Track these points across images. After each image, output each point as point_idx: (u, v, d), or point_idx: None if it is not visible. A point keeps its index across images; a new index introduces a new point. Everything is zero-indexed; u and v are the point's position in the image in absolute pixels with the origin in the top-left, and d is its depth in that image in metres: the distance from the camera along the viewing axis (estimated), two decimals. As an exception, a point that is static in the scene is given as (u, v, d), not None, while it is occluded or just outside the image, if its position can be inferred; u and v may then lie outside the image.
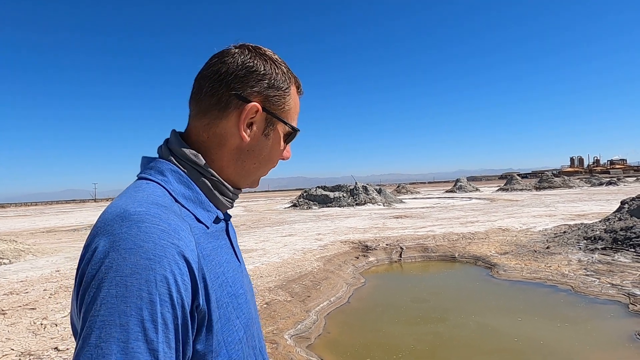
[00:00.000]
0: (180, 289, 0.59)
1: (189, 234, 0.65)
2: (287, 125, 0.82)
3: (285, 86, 0.81)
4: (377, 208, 25.13)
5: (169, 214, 0.64)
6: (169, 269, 0.58)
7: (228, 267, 0.74)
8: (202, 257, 0.67)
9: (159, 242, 0.59)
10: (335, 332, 5.39)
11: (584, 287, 6.44)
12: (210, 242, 0.72)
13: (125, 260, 0.56)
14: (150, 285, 0.56)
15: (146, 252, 0.57)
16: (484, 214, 17.37)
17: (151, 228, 0.60)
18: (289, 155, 0.87)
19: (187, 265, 0.61)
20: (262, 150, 0.80)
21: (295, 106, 0.84)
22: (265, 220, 19.95)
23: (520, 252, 8.89)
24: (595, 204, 19.43)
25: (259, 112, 0.77)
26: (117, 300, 0.54)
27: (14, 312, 5.62)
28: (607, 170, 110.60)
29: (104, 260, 0.57)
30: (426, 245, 10.15)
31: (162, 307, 0.56)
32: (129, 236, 0.58)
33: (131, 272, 0.56)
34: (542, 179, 44.43)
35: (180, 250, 0.61)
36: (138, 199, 0.65)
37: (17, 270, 9.04)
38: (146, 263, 0.57)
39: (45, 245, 13.60)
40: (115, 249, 0.57)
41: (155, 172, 0.74)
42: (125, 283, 0.55)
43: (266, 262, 8.70)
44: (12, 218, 39.79)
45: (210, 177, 0.77)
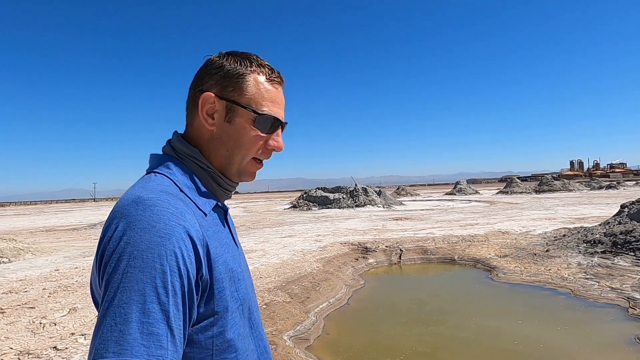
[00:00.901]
0: (187, 262, 0.71)
1: (192, 217, 0.77)
2: (248, 109, 0.87)
3: (242, 74, 0.88)
4: (376, 210, 25.13)
5: (176, 200, 0.76)
6: (177, 245, 0.70)
7: (227, 248, 0.86)
8: (206, 236, 0.78)
9: (169, 223, 0.71)
10: (334, 334, 5.38)
11: (584, 290, 6.43)
12: (211, 226, 0.83)
13: (141, 237, 0.68)
14: (162, 258, 0.68)
15: (158, 231, 0.69)
16: (484, 216, 17.37)
17: (162, 211, 0.72)
18: (278, 144, 0.92)
19: (192, 242, 0.73)
20: (229, 136, 0.88)
21: (260, 93, 0.88)
22: (265, 221, 19.94)
23: (519, 255, 8.89)
24: (595, 208, 19.43)
25: (216, 102, 0.88)
26: (135, 270, 0.66)
27: (13, 311, 5.61)
28: (606, 173, 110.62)
29: (123, 237, 0.69)
30: (426, 248, 10.15)
31: (171, 276, 0.68)
32: (144, 217, 0.70)
33: (146, 248, 0.68)
34: (542, 182, 44.46)
35: (187, 229, 0.73)
36: (149, 188, 0.78)
37: (17, 269, 9.03)
38: (158, 240, 0.69)
39: (45, 244, 13.59)
40: (132, 228, 0.69)
41: (162, 166, 0.87)
42: (142, 256, 0.67)
43: (266, 263, 8.70)
44: (12, 217, 39.77)
45: (207, 169, 0.89)
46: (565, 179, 60.32)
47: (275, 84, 0.91)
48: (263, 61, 0.92)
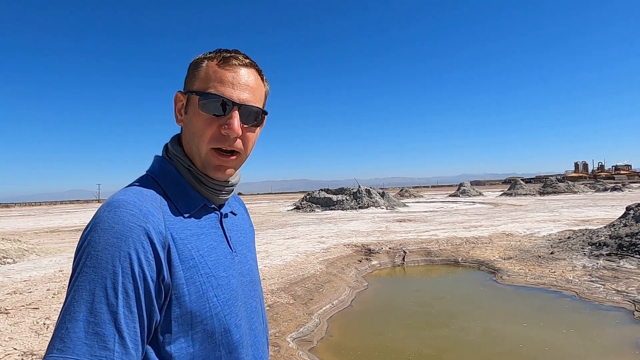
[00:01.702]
0: (143, 264, 0.71)
1: (158, 219, 0.76)
2: (193, 94, 0.85)
3: (197, 63, 0.87)
4: (380, 211, 25.09)
5: (144, 201, 0.77)
6: (133, 247, 0.71)
7: (209, 251, 0.84)
8: (172, 239, 0.78)
9: (128, 224, 0.72)
10: (337, 336, 5.36)
11: (589, 293, 6.39)
12: (189, 229, 0.82)
13: (100, 237, 0.71)
14: (114, 259, 0.69)
15: (115, 232, 0.71)
16: (488, 218, 17.30)
17: (124, 212, 0.73)
18: (229, 128, 0.82)
19: (151, 244, 0.73)
20: (186, 127, 0.88)
21: (207, 76, 0.85)
22: (268, 223, 19.95)
23: (524, 257, 8.84)
24: (600, 210, 19.30)
25: (182, 97, 0.89)
26: (89, 269, 0.69)
27: (17, 312, 5.63)
28: (611, 175, 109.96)
29: (87, 237, 0.72)
30: (429, 249, 10.11)
31: (123, 278, 0.69)
32: (107, 219, 0.72)
33: (102, 248, 0.70)
34: (546, 184, 44.25)
35: (147, 231, 0.73)
36: (128, 188, 0.81)
37: (21, 269, 9.06)
38: (114, 241, 0.70)
39: (49, 245, 13.65)
40: (95, 229, 0.72)
41: (153, 167, 0.90)
42: (97, 256, 0.69)
43: (269, 264, 8.69)
44: (17, 218, 39.99)
45: (188, 167, 0.88)
46: (570, 180, 60.01)
47: (227, 65, 0.85)
48: (230, 50, 0.88)
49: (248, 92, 0.85)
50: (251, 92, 0.86)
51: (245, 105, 0.84)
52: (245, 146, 0.88)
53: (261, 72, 0.91)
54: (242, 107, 0.84)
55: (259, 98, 0.89)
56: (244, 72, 0.86)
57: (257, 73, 0.89)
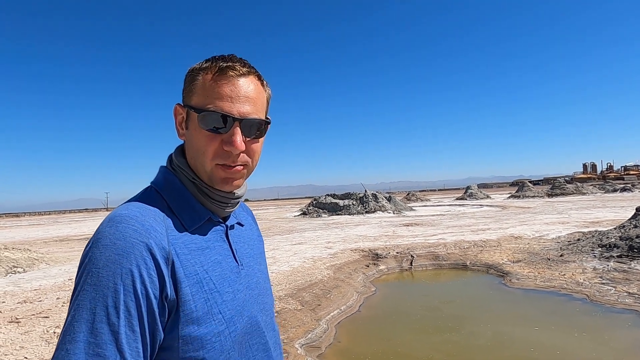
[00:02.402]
0: (145, 282, 0.69)
1: (161, 234, 0.74)
2: (192, 110, 0.82)
3: (193, 76, 0.84)
4: (387, 216, 25.00)
5: (147, 216, 0.75)
6: (135, 264, 0.69)
7: (214, 266, 0.82)
8: (176, 254, 0.76)
9: (130, 240, 0.70)
10: (346, 341, 5.34)
11: (600, 295, 6.31)
12: (193, 243, 0.80)
13: (101, 254, 0.69)
14: (116, 277, 0.67)
15: (117, 248, 0.69)
16: (496, 221, 17.17)
17: (126, 227, 0.71)
18: (231, 144, 0.79)
19: (154, 261, 0.71)
20: (189, 142, 0.85)
21: (204, 91, 0.81)
22: (275, 229, 19.96)
23: (533, 260, 8.75)
24: (610, 211, 19.08)
25: (182, 110, 0.86)
26: (90, 287, 0.67)
27: (27, 321, 5.67)
28: (621, 176, 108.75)
29: (88, 253, 0.70)
30: (437, 254, 10.06)
31: (125, 296, 0.67)
32: (108, 234, 0.70)
33: (103, 265, 0.68)
34: (555, 186, 43.85)
35: (149, 247, 0.71)
36: (131, 202, 0.79)
37: (31, 278, 9.15)
38: (116, 257, 0.68)
39: (58, 254, 13.76)
40: (96, 245, 0.70)
41: (157, 179, 0.88)
42: (98, 274, 0.67)
43: (276, 270, 8.69)
44: (26, 227, 40.39)
45: (192, 180, 0.85)
46: (579, 182, 59.44)
47: (224, 78, 0.81)
48: (224, 57, 0.84)
49: (248, 104, 0.82)
50: (252, 104, 0.82)
51: (246, 118, 0.81)
52: (251, 158, 0.85)
53: (261, 78, 0.87)
54: (244, 121, 0.81)
55: (261, 107, 0.85)
56: (242, 82, 0.82)
57: (256, 79, 0.85)
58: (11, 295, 7.44)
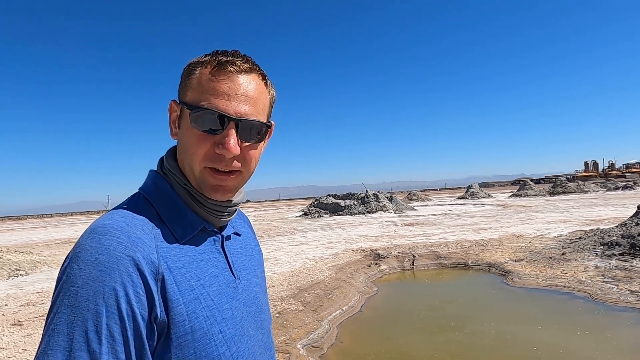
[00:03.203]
0: (131, 301, 0.60)
1: (150, 247, 0.66)
2: (185, 107, 0.74)
3: (189, 70, 0.76)
4: (388, 216, 25.00)
5: (133, 227, 0.67)
6: (120, 281, 0.60)
7: (211, 280, 0.73)
8: (168, 269, 0.67)
9: (114, 254, 0.61)
10: (348, 342, 5.34)
11: (602, 294, 6.30)
12: (186, 255, 0.72)
13: (81, 271, 0.60)
14: (97, 297, 0.58)
15: (99, 264, 0.60)
16: (497, 220, 17.16)
17: (109, 240, 0.62)
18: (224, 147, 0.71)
19: (141, 277, 0.62)
20: (180, 143, 0.78)
21: (200, 86, 0.73)
22: (277, 229, 19.97)
23: (535, 258, 8.74)
24: (611, 209, 19.05)
25: (177, 107, 0.78)
26: (68, 309, 0.58)
27: (30, 323, 5.69)
28: (622, 174, 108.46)
29: (66, 270, 0.62)
30: (439, 253, 10.05)
31: (107, 318, 0.58)
32: (89, 247, 0.62)
33: (83, 283, 0.59)
34: (556, 184, 43.79)
35: (136, 262, 0.62)
36: (116, 212, 0.70)
37: (34, 281, 9.17)
38: (97, 274, 0.59)
39: (60, 256, 13.79)
40: (75, 260, 0.61)
41: (146, 185, 0.79)
42: (77, 293, 0.58)
43: (278, 271, 8.70)
44: (29, 230, 40.48)
45: (184, 185, 0.77)
46: (580, 180, 59.35)
47: (222, 73, 0.73)
48: (226, 51, 0.77)
49: (247, 104, 0.73)
50: (251, 104, 0.74)
51: (244, 119, 0.72)
52: (246, 165, 0.76)
53: (265, 77, 0.79)
54: (241, 123, 0.72)
55: (262, 109, 0.77)
56: (242, 79, 0.74)
57: (259, 78, 0.77)
58: (14, 298, 7.46)
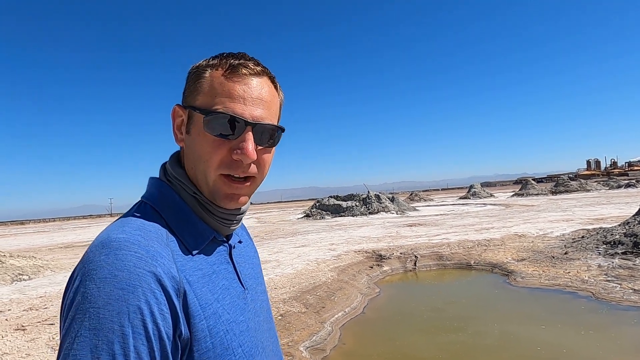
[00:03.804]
0: (157, 319, 0.57)
1: (169, 261, 0.63)
2: (197, 111, 0.71)
3: (198, 73, 0.74)
4: (390, 216, 24.98)
5: (149, 239, 0.63)
6: (144, 299, 0.56)
7: (225, 293, 0.71)
8: (188, 283, 0.64)
9: (135, 271, 0.57)
10: (350, 344, 5.33)
11: (605, 293, 6.28)
12: (200, 269, 0.69)
13: (100, 290, 0.55)
14: (122, 317, 0.54)
15: (120, 281, 0.56)
16: (499, 220, 17.12)
17: (128, 256, 0.58)
18: (242, 152, 0.69)
19: (164, 293, 0.59)
20: (189, 149, 0.74)
21: (212, 89, 0.71)
22: (279, 231, 19.97)
23: (537, 258, 8.72)
24: (614, 207, 18.99)
25: (182, 112, 0.75)
26: (89, 333, 0.53)
27: (33, 328, 5.70)
28: (625, 172, 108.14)
29: (79, 289, 0.57)
30: (441, 254, 10.04)
31: (135, 340, 0.54)
32: (105, 264, 0.57)
33: (104, 303, 0.55)
34: (558, 183, 43.70)
35: (158, 277, 0.59)
36: (125, 223, 0.66)
37: (37, 286, 9.19)
38: (119, 293, 0.55)
39: (63, 260, 13.81)
40: (90, 277, 0.57)
41: (151, 194, 0.75)
42: (99, 315, 0.54)
43: (280, 273, 8.69)
44: (32, 234, 40.57)
45: (192, 194, 0.73)
46: (582, 178, 59.17)
47: (236, 76, 0.71)
48: (234, 54, 0.74)
49: (262, 107, 0.72)
50: (265, 107, 0.72)
51: (259, 123, 0.71)
52: (260, 170, 0.74)
53: (274, 80, 0.78)
54: (256, 127, 0.71)
55: (274, 112, 0.75)
56: (255, 82, 0.72)
57: (270, 82, 0.76)
58: (17, 302, 7.47)
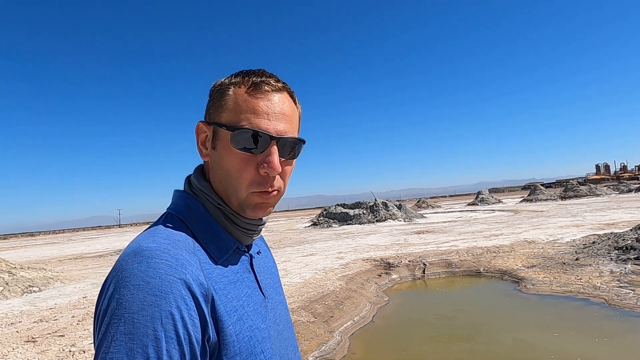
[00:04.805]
0: (187, 324, 0.61)
1: (197, 269, 0.66)
2: (224, 128, 0.74)
3: (222, 91, 0.77)
4: (398, 224, 24.86)
5: (178, 248, 0.66)
6: (175, 305, 0.60)
7: (248, 300, 0.74)
8: (215, 290, 0.68)
9: (166, 278, 0.61)
10: (360, 353, 5.29)
11: (618, 299, 6.18)
12: (225, 276, 0.73)
13: (134, 296, 0.59)
14: (155, 322, 0.58)
15: (152, 288, 0.60)
16: (508, 226, 16.96)
17: (159, 264, 0.62)
18: (269, 166, 0.73)
19: (194, 299, 0.63)
20: (217, 165, 0.77)
21: (237, 106, 0.74)
22: (286, 240, 19.94)
23: (548, 264, 8.62)
24: (625, 212, 18.75)
25: (207, 128, 0.78)
26: (125, 337, 0.57)
27: (43, 340, 5.73)
28: (635, 176, 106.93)
29: (114, 295, 0.60)
30: (450, 261, 9.95)
31: (167, 343, 0.58)
32: (138, 272, 0.61)
33: (138, 309, 0.58)
34: (568, 188, 43.27)
35: (188, 284, 0.63)
36: (155, 233, 0.70)
37: (47, 297, 9.25)
38: (152, 299, 0.59)
39: (73, 272, 13.91)
40: (124, 285, 0.60)
41: (177, 205, 0.79)
42: (133, 320, 0.58)
43: (288, 282, 8.67)
44: (42, 246, 40.91)
45: (218, 206, 0.77)
46: (592, 183, 58.59)
47: (259, 93, 0.75)
48: (255, 71, 0.78)
49: (284, 122, 0.76)
50: (287, 121, 0.76)
51: (282, 137, 0.75)
52: (284, 182, 0.79)
53: (293, 95, 0.82)
54: (280, 141, 0.74)
55: (295, 126, 0.80)
56: (277, 98, 0.76)
57: (289, 96, 0.80)
58: (27, 314, 7.52)
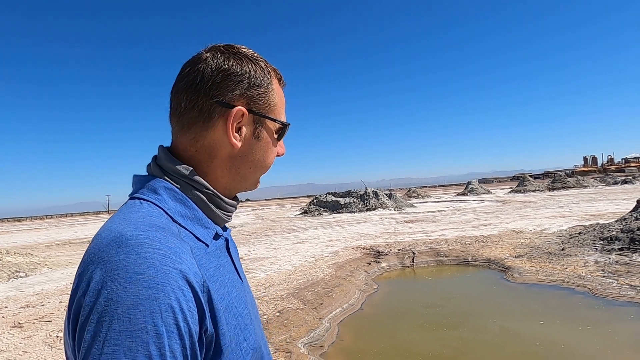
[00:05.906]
0: (187, 317, 0.55)
1: (190, 256, 0.61)
2: (277, 122, 0.77)
3: (267, 82, 0.75)
4: (388, 213, 25.00)
5: (167, 236, 0.60)
6: (174, 297, 0.54)
7: (232, 286, 0.70)
8: (207, 278, 0.62)
9: (161, 268, 0.54)
10: (348, 340, 5.34)
11: (602, 289, 6.30)
12: (212, 262, 0.67)
13: (126, 290, 0.52)
14: (155, 316, 0.52)
15: (147, 280, 0.53)
16: (497, 216, 17.17)
17: (151, 253, 0.55)
18: (284, 150, 0.82)
19: (191, 290, 0.57)
20: (255, 153, 0.75)
21: (281, 100, 0.79)
22: (276, 228, 19.97)
23: (534, 254, 8.75)
24: (611, 204, 19.08)
25: (245, 115, 0.72)
26: (122, 335, 0.50)
27: (30, 325, 5.68)
28: (622, 168, 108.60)
29: (102, 290, 0.52)
30: (439, 250, 10.06)
31: (169, 339, 0.52)
32: (127, 263, 0.54)
33: (134, 304, 0.51)
34: (555, 180, 43.84)
35: (184, 274, 0.57)
36: (134, 221, 0.61)
37: (33, 283, 9.16)
38: (149, 292, 0.52)
39: (60, 257, 13.79)
40: (113, 278, 0.53)
41: (148, 190, 0.69)
42: (129, 316, 0.51)
43: (278, 270, 8.70)
44: (28, 231, 40.45)
45: (205, 191, 0.71)
46: (579, 175, 59.40)
47: (284, 86, 0.82)
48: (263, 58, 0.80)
49: None
50: None
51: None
52: None
53: None
54: None
55: None
56: None
57: None
58: (14, 300, 7.45)
